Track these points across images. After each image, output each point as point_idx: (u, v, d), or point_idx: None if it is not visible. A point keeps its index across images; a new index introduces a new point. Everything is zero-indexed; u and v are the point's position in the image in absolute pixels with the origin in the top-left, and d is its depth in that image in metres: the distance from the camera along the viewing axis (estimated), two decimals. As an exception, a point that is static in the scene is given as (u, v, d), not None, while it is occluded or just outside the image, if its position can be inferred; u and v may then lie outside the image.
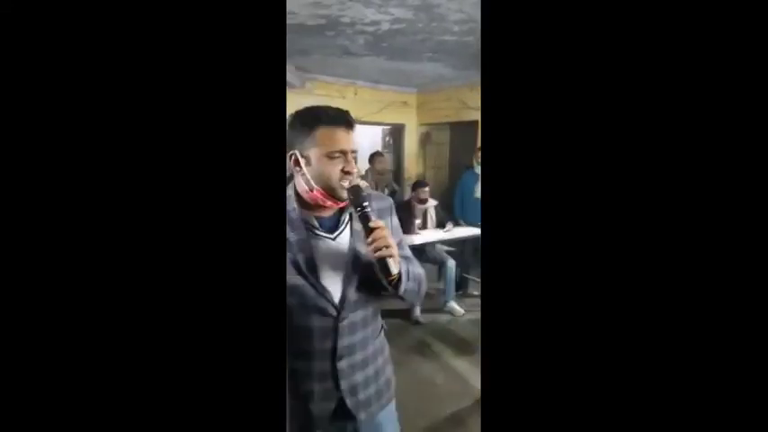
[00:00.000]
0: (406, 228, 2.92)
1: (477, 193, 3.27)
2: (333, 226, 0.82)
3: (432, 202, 3.23)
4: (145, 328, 0.45)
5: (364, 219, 0.76)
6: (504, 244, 0.49)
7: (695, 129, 0.43)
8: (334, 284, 0.79)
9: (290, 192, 0.82)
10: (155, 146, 0.44)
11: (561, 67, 0.46)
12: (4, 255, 0.42)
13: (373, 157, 3.55)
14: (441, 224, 3.21)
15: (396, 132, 5.10)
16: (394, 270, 0.74)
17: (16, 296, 0.42)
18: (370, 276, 0.81)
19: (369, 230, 0.74)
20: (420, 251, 3.05)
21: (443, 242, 3.19)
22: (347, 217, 0.84)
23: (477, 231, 3.14)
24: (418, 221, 3.11)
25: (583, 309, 0.46)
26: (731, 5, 0.41)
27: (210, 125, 0.46)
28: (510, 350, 0.48)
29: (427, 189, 3.16)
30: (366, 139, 5.04)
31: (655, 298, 0.44)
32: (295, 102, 0.78)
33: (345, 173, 0.77)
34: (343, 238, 0.82)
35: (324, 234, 0.81)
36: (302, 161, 0.77)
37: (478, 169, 3.27)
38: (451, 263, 3.07)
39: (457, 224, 3.30)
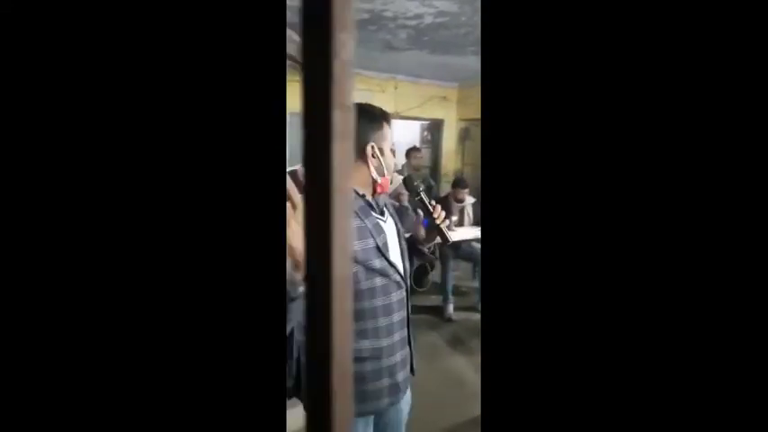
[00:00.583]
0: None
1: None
2: (381, 210, 0.94)
3: (469, 200, 3.19)
4: (144, 328, 0.45)
5: (422, 202, 0.95)
6: (504, 244, 0.49)
7: (698, 127, 0.42)
8: (397, 260, 0.91)
9: None
10: (153, 146, 0.44)
11: (562, 67, 0.46)
12: (3, 255, 0.43)
13: (410, 152, 3.53)
14: (478, 222, 3.16)
15: (434, 127, 5.05)
16: (450, 237, 0.97)
17: (15, 295, 0.43)
18: (411, 248, 1.01)
19: (429, 210, 0.95)
20: (455, 248, 3.02)
21: (480, 240, 3.14)
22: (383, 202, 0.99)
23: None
24: (455, 218, 3.08)
25: (583, 309, 0.46)
26: (731, 5, 0.40)
27: (210, 125, 0.45)
28: (510, 350, 0.48)
29: (467, 190, 3.12)
30: (404, 133, 5.03)
31: (659, 299, 0.44)
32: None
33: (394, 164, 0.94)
34: (390, 219, 0.95)
35: (379, 217, 0.91)
36: (378, 152, 0.89)
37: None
38: (487, 261, 3.02)
39: (494, 222, 3.23)
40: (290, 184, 0.56)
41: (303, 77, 0.12)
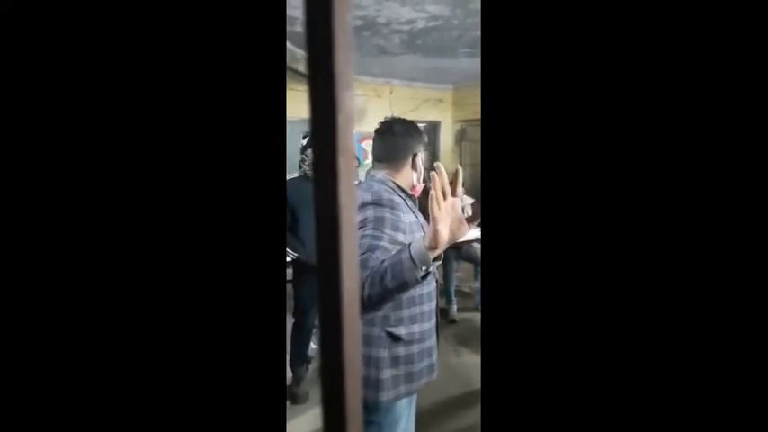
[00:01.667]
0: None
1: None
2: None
3: (468, 200, 3.20)
4: (146, 329, 0.45)
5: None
6: (504, 244, 0.48)
7: (698, 127, 0.42)
8: None
9: (390, 185, 1.00)
10: (153, 147, 0.44)
11: (562, 68, 0.45)
12: (3, 255, 0.43)
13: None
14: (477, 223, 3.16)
15: (431, 130, 5.08)
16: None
17: (16, 296, 0.43)
18: None
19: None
20: (456, 248, 3.03)
21: (480, 241, 3.15)
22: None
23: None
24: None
25: (583, 309, 0.46)
26: (731, 5, 0.40)
27: (211, 126, 0.45)
28: (510, 350, 0.48)
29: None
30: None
31: (658, 298, 0.44)
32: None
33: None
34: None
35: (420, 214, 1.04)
36: (420, 162, 1.02)
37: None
38: (488, 261, 3.02)
39: (494, 222, 3.24)
40: (444, 180, 0.68)
41: (311, 129, 0.14)
